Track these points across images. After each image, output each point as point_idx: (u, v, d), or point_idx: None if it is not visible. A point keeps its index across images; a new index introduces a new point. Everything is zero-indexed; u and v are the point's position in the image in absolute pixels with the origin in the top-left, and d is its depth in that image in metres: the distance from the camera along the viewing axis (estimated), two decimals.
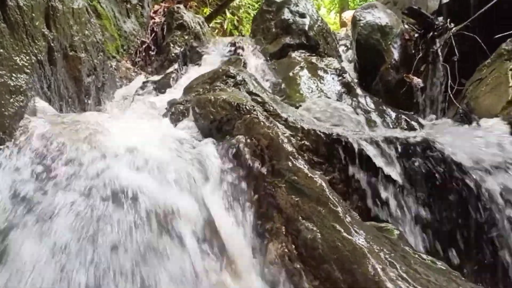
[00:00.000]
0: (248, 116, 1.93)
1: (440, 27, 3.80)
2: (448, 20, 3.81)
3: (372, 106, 3.50)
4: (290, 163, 1.65)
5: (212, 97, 2.16)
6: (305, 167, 1.63)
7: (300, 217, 1.50)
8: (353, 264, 1.25)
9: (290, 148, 1.70)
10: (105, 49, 2.96)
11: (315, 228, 1.42)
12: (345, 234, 1.33)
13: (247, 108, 2.04)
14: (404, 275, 1.18)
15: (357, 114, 3.35)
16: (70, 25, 2.43)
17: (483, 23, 3.65)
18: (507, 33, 3.36)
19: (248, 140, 1.82)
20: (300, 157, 1.69)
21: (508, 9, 3.55)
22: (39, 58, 2.04)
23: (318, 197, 1.50)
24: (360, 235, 1.33)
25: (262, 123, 1.86)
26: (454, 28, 3.75)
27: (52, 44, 2.21)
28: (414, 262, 1.29)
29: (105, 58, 2.94)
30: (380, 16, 4.05)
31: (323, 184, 1.54)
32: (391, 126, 3.30)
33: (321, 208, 1.47)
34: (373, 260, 1.22)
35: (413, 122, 3.32)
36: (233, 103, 2.08)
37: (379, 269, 1.19)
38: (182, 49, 4.35)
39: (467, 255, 1.96)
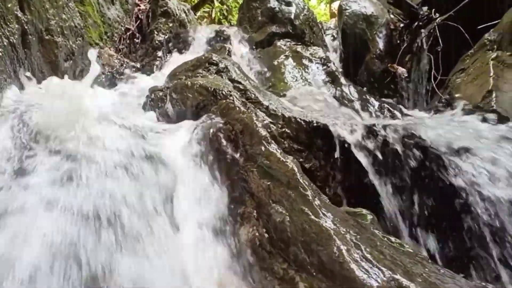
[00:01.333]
0: (224, 101, 1.92)
1: (425, 17, 3.80)
2: (433, 10, 3.82)
3: (356, 95, 3.50)
4: (263, 148, 1.64)
5: (189, 82, 2.14)
6: (277, 151, 1.62)
7: (271, 201, 1.50)
8: (319, 246, 1.25)
9: (263, 133, 1.69)
10: (84, 34, 2.91)
11: (284, 211, 1.42)
12: (312, 216, 1.33)
13: (224, 93, 2.02)
14: (368, 256, 1.18)
15: (340, 103, 3.35)
16: (46, 8, 2.38)
17: (468, 14, 3.66)
18: (491, 23, 3.38)
19: (223, 126, 1.80)
20: (273, 141, 1.68)
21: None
22: (11, 40, 2.00)
23: (289, 181, 1.49)
24: (328, 218, 1.33)
25: (237, 108, 1.85)
26: (438, 18, 3.76)
27: (26, 27, 2.17)
28: (381, 245, 1.29)
29: (84, 43, 2.89)
30: (366, 6, 4.03)
31: (295, 168, 1.53)
32: (374, 115, 3.31)
33: (291, 191, 1.46)
34: (339, 241, 1.22)
35: (395, 111, 3.33)
36: (209, 88, 2.06)
37: (343, 250, 1.19)
38: (166, 37, 4.29)
39: (444, 240, 1.98)
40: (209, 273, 1.49)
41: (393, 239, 1.41)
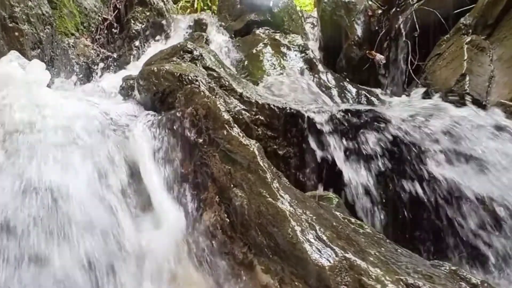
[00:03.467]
0: (189, 86, 1.88)
1: (403, 3, 3.78)
2: None
3: (333, 82, 3.48)
4: (225, 132, 1.61)
5: (155, 68, 2.09)
6: (239, 135, 1.60)
7: (231, 185, 1.48)
8: (274, 227, 1.24)
9: (226, 117, 1.67)
10: (53, 23, 2.84)
11: (243, 195, 1.40)
12: (269, 199, 1.32)
13: (189, 78, 1.98)
14: (322, 237, 1.17)
15: (317, 90, 3.33)
16: None
17: None
18: (466, 7, 3.38)
19: (187, 110, 1.77)
20: (236, 125, 1.65)
21: None
22: None
23: (249, 164, 1.47)
24: (285, 200, 1.31)
25: (202, 93, 1.81)
26: (416, 4, 3.74)
27: None
28: (338, 225, 1.28)
29: (53, 32, 2.82)
30: None
31: (255, 151, 1.51)
32: (351, 102, 3.29)
33: (251, 175, 1.44)
34: (293, 222, 1.21)
35: (372, 98, 3.32)
36: (175, 73, 2.02)
37: (298, 231, 1.18)
38: (143, 26, 4.22)
39: (411, 222, 1.98)
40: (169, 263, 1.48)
41: (353, 220, 1.41)
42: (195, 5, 7.10)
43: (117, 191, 1.54)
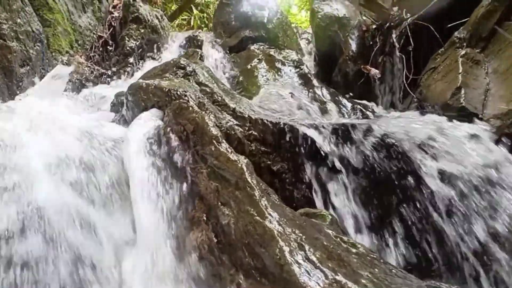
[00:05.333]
0: (177, 101, 1.84)
1: (397, 17, 3.79)
2: (404, 10, 3.80)
3: (328, 97, 3.45)
4: (213, 147, 1.56)
5: (144, 84, 2.06)
6: (227, 151, 1.54)
7: (219, 203, 1.42)
8: (261, 248, 1.17)
9: (214, 132, 1.62)
10: (43, 40, 2.81)
11: (231, 213, 1.34)
12: (257, 217, 1.25)
13: (178, 93, 1.94)
14: (312, 257, 1.11)
15: (312, 104, 3.30)
16: None
17: (439, 13, 3.65)
18: (461, 21, 3.37)
19: (175, 126, 1.72)
20: (224, 141, 1.60)
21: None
22: None
23: (237, 181, 1.42)
24: (273, 218, 1.25)
25: (190, 108, 1.77)
26: (409, 19, 3.74)
27: None
28: (329, 245, 1.22)
29: (44, 49, 2.80)
30: (338, 8, 4.01)
31: (244, 167, 1.46)
32: (346, 116, 3.26)
33: (238, 192, 1.38)
34: (282, 242, 1.15)
35: (368, 112, 3.28)
36: (164, 89, 1.98)
37: (286, 252, 1.12)
38: (138, 43, 4.22)
39: (408, 239, 1.91)
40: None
41: (345, 239, 1.34)
42: (192, 23, 7.16)
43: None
